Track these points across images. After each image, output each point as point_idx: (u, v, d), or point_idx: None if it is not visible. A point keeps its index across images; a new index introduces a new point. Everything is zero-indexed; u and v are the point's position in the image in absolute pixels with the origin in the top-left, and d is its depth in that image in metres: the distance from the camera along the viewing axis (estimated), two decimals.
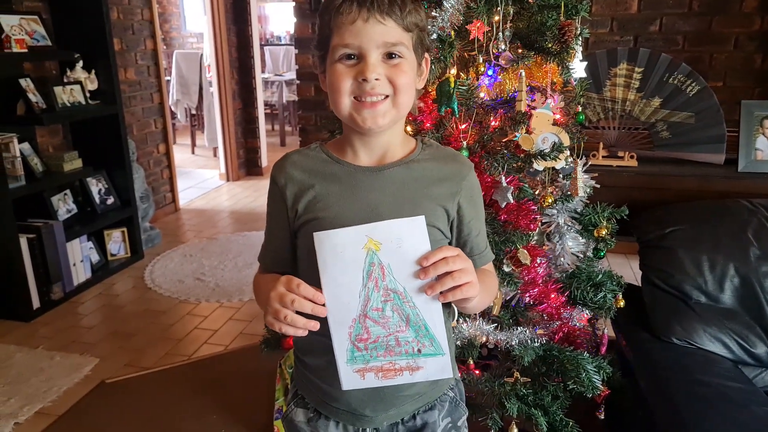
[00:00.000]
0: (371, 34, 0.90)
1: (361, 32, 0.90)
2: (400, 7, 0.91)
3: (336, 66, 0.93)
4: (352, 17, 0.90)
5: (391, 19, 0.91)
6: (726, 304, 1.81)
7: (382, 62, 0.92)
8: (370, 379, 0.90)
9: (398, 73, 0.93)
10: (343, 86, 0.93)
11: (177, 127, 7.69)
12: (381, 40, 0.91)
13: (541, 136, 1.58)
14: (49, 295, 3.21)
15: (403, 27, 0.92)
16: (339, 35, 0.92)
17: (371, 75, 0.91)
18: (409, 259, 0.84)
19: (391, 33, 0.91)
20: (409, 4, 0.93)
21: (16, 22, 3.15)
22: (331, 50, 0.94)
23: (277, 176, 1.03)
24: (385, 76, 0.92)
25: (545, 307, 1.67)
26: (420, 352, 0.87)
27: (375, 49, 0.91)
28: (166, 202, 4.87)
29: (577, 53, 1.63)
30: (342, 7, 0.90)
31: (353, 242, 0.84)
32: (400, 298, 0.85)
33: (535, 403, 1.63)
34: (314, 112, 4.30)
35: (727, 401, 1.49)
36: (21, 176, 3.08)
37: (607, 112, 2.34)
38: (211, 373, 2.63)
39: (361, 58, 0.92)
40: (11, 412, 2.32)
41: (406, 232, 0.84)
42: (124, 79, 4.18)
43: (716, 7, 3.47)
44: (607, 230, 1.75)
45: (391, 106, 0.95)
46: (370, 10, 0.89)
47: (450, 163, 1.04)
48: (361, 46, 0.91)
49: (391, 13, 0.90)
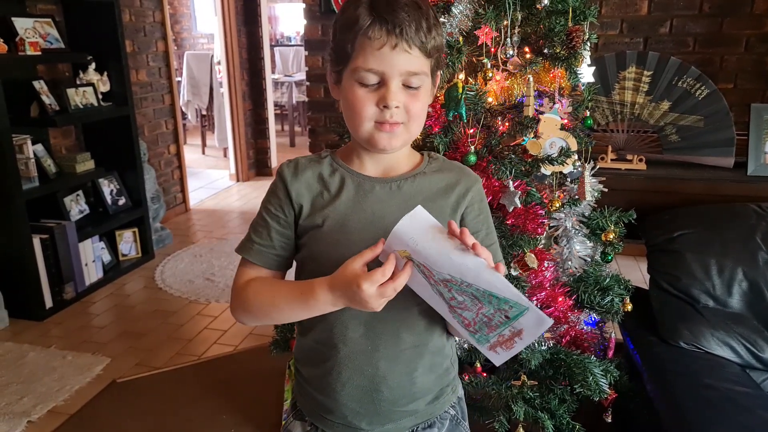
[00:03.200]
0: (396, 62, 0.90)
1: (386, 59, 0.90)
2: (426, 35, 0.91)
3: (357, 89, 0.93)
4: (380, 43, 0.89)
5: (416, 48, 0.90)
6: (734, 309, 1.81)
7: (402, 89, 0.93)
8: (503, 352, 0.91)
9: (415, 102, 0.94)
10: (365, 113, 0.93)
11: (187, 127, 7.73)
12: (405, 69, 0.91)
13: (548, 140, 1.59)
14: (61, 295, 3.25)
15: (426, 54, 0.92)
16: (363, 58, 0.91)
17: (392, 103, 0.91)
18: (433, 247, 0.83)
19: (415, 62, 0.91)
20: (433, 30, 0.93)
21: (30, 25, 3.19)
22: (352, 69, 0.93)
23: (285, 173, 1.02)
24: (404, 103, 0.93)
25: (552, 310, 1.67)
26: (508, 318, 0.86)
27: (398, 76, 0.91)
28: (176, 203, 4.91)
29: (585, 58, 1.64)
30: (371, 31, 0.89)
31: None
32: (454, 283, 0.85)
33: (542, 406, 1.63)
34: (324, 113, 4.31)
35: (734, 406, 1.49)
36: (34, 177, 3.12)
37: (615, 115, 2.34)
38: (221, 373, 2.65)
39: (383, 83, 0.92)
40: (24, 410, 2.36)
41: (415, 227, 0.84)
42: (135, 81, 4.21)
43: (727, 9, 3.45)
44: (614, 234, 1.75)
45: (405, 131, 0.96)
46: (398, 38, 0.89)
47: (455, 176, 1.05)
48: (385, 72, 0.91)
49: (417, 41, 0.90)
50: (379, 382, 1.01)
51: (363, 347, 1.00)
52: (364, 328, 0.99)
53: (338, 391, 1.02)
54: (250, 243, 1.03)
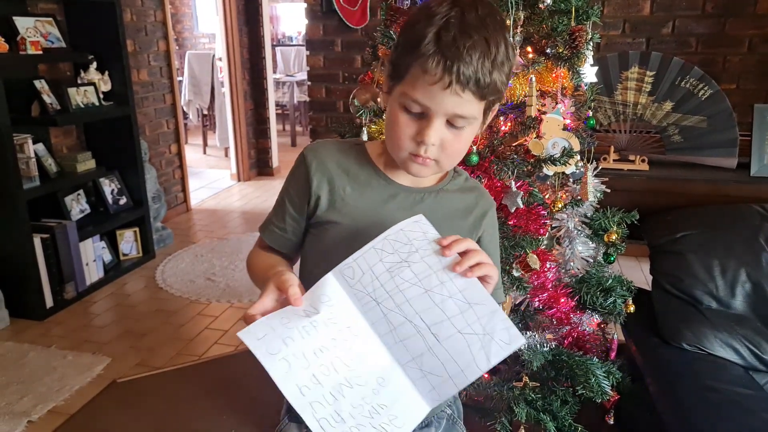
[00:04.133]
0: (445, 102, 0.85)
1: (435, 97, 0.85)
2: (486, 78, 0.84)
3: (400, 114, 0.89)
4: (433, 78, 0.83)
5: (470, 92, 0.85)
6: (737, 310, 1.80)
7: (445, 126, 0.88)
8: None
9: (455, 142, 0.90)
10: (403, 138, 0.90)
11: (189, 127, 7.73)
12: (452, 111, 0.86)
13: (551, 141, 1.58)
14: (62, 295, 3.25)
15: (480, 98, 0.87)
16: (412, 86, 0.86)
17: (430, 141, 0.87)
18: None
19: (465, 107, 0.86)
20: (496, 72, 0.85)
21: (31, 25, 3.18)
22: (401, 92, 0.89)
23: (308, 158, 0.99)
24: (442, 140, 0.89)
25: (554, 311, 1.66)
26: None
27: (443, 115, 0.87)
28: (177, 202, 4.90)
29: (588, 58, 1.63)
30: (428, 63, 0.83)
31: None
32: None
33: (544, 408, 1.62)
34: (325, 113, 4.31)
35: (737, 408, 1.49)
36: (35, 177, 3.12)
37: (618, 115, 2.33)
38: (221, 373, 2.64)
39: (426, 116, 0.87)
40: (24, 410, 2.35)
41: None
42: (136, 80, 4.21)
43: (730, 9, 3.44)
44: (617, 235, 1.74)
45: (437, 166, 0.93)
46: (453, 79, 0.83)
47: (474, 198, 1.04)
48: (431, 108, 0.86)
49: (472, 86, 0.84)
50: None
51: None
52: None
53: None
54: (269, 222, 1.05)
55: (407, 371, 0.84)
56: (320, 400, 0.79)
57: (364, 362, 0.83)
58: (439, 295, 0.82)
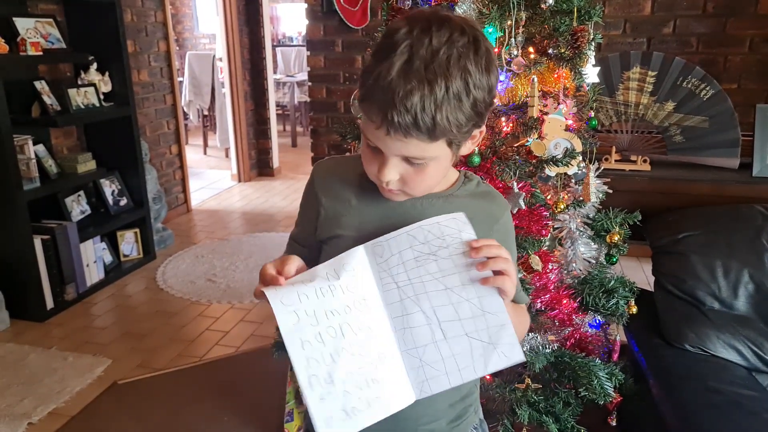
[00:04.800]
0: (391, 146, 0.83)
1: (380, 140, 0.83)
2: (426, 126, 0.78)
3: (364, 145, 0.89)
4: (375, 124, 0.81)
5: (414, 139, 0.80)
6: (740, 311, 1.80)
7: (404, 163, 0.86)
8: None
9: (417, 175, 0.87)
10: (370, 170, 0.90)
11: (189, 127, 7.73)
12: (402, 153, 0.84)
13: (553, 141, 1.58)
14: (62, 296, 3.24)
15: (430, 139, 0.81)
16: (365, 125, 0.85)
17: (385, 179, 0.86)
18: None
19: (413, 150, 0.82)
20: (441, 113, 0.78)
21: (31, 25, 3.18)
22: (363, 126, 0.87)
23: (315, 177, 1.02)
24: (402, 176, 0.87)
25: (557, 313, 1.66)
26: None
27: (394, 156, 0.84)
28: (178, 203, 4.90)
29: (589, 58, 1.63)
30: (369, 108, 0.81)
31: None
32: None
33: (547, 409, 1.62)
34: (325, 113, 4.31)
35: (739, 409, 1.48)
36: (35, 178, 3.11)
37: (620, 115, 2.33)
38: (222, 375, 2.64)
39: (382, 154, 0.85)
40: (25, 412, 2.35)
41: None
42: (137, 81, 4.20)
43: (731, 9, 3.44)
44: (619, 236, 1.74)
45: (407, 194, 0.91)
46: (388, 128, 0.80)
47: (486, 203, 1.01)
48: (382, 149, 0.84)
49: (413, 132, 0.79)
50: None
51: None
52: None
53: None
54: (294, 230, 1.09)
55: (406, 358, 0.85)
56: (318, 357, 0.81)
57: (370, 337, 0.84)
58: (457, 296, 0.84)
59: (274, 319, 0.82)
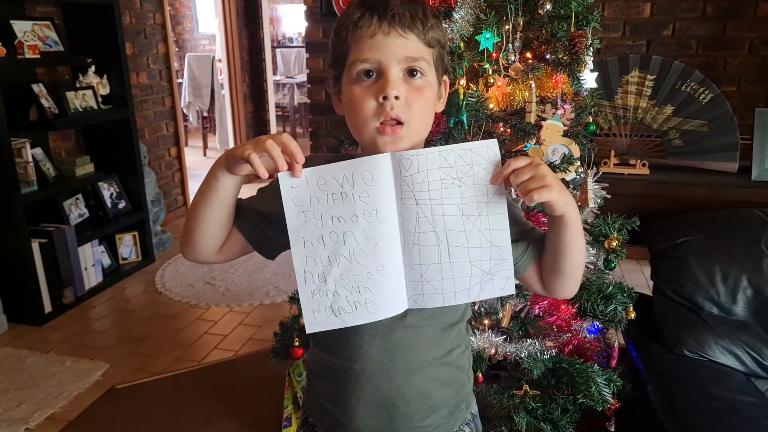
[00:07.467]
0: (392, 48, 0.86)
1: (381, 46, 0.86)
2: (422, 22, 0.87)
3: (354, 88, 0.89)
4: (372, 31, 0.86)
5: (413, 33, 0.87)
6: (739, 316, 1.79)
7: (403, 81, 0.88)
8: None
9: (417, 96, 0.88)
10: (365, 110, 0.88)
11: (189, 129, 7.72)
12: (402, 54, 0.87)
13: (551, 147, 1.57)
14: (60, 300, 3.23)
15: (425, 42, 0.88)
16: (357, 50, 0.88)
17: (391, 92, 0.86)
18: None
19: (413, 47, 0.87)
20: (431, 19, 0.89)
21: (29, 28, 3.17)
22: (348, 66, 0.89)
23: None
24: (405, 96, 0.87)
25: (555, 319, 1.66)
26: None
27: (396, 64, 0.87)
28: (177, 206, 4.89)
29: (587, 64, 1.62)
30: (361, 21, 0.87)
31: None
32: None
33: (545, 416, 1.62)
34: (325, 116, 4.30)
35: (738, 416, 1.48)
36: (33, 181, 3.10)
37: (618, 119, 2.32)
38: (220, 379, 2.63)
39: (381, 74, 0.87)
40: (22, 417, 2.34)
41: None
42: (136, 83, 4.20)
43: (730, 12, 3.43)
44: (617, 241, 1.73)
45: (408, 133, 0.89)
46: (391, 24, 0.85)
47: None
48: (381, 60, 0.86)
49: (413, 27, 0.86)
50: (395, 396, 0.98)
51: (379, 361, 0.97)
52: (381, 340, 0.96)
53: (353, 405, 0.99)
54: (248, 198, 1.05)
55: (407, 271, 0.89)
56: (316, 257, 0.86)
57: (374, 247, 0.86)
58: (471, 225, 0.86)
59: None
